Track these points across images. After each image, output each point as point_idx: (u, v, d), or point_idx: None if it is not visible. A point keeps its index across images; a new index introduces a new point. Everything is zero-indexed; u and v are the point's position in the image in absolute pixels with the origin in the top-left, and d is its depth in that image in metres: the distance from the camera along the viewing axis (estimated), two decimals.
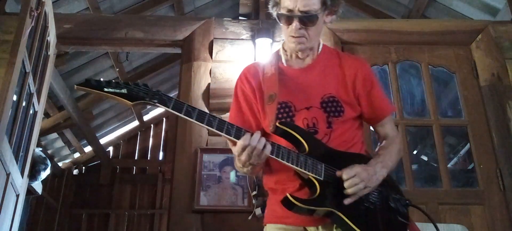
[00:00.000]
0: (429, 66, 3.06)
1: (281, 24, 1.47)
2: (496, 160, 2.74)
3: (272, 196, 1.47)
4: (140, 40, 3.06)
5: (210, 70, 2.90)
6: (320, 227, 1.35)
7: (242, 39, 3.03)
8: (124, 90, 1.18)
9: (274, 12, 1.48)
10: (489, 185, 2.70)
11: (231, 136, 1.25)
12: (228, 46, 3.00)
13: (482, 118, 2.87)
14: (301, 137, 1.33)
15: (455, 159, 4.40)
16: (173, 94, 6.33)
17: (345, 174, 1.28)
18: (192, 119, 1.23)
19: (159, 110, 7.43)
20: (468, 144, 3.00)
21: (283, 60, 1.54)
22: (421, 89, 3.09)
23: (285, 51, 1.55)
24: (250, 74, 1.53)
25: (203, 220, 2.52)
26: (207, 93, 2.82)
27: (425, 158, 4.87)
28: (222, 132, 1.24)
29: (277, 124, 1.32)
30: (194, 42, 3.01)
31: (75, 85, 1.20)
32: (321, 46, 1.55)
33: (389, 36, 3.11)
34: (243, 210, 2.49)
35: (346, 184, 1.27)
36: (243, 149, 1.24)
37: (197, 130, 2.73)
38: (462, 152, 4.26)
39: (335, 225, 1.32)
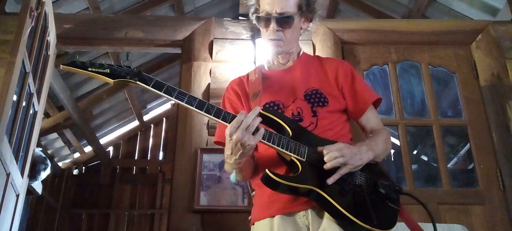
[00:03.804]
0: (429, 66, 3.06)
1: (261, 28, 1.56)
2: (496, 160, 2.74)
3: (260, 190, 1.45)
4: (140, 40, 3.06)
5: (210, 70, 2.90)
6: (309, 211, 1.34)
7: (242, 39, 3.03)
8: (107, 70, 1.24)
9: (254, 17, 1.57)
10: (489, 185, 2.70)
11: (211, 115, 1.27)
12: (228, 46, 3.00)
13: (482, 118, 2.87)
14: (284, 122, 1.34)
15: (455, 159, 4.40)
16: None
17: (326, 148, 1.27)
18: (172, 97, 1.27)
19: (160, 110, 7.44)
20: (468, 144, 3.00)
21: (266, 67, 1.64)
22: (421, 89, 3.08)
23: (268, 60, 1.65)
24: (235, 84, 1.62)
25: (203, 220, 2.52)
26: (207, 93, 2.82)
27: (425, 158, 4.87)
28: (201, 110, 1.27)
29: (260, 111, 1.33)
30: (194, 42, 3.01)
31: (61, 65, 1.25)
32: (301, 52, 1.65)
33: (389, 36, 3.11)
34: (243, 210, 2.49)
35: (325, 157, 1.26)
36: (238, 124, 1.22)
37: (197, 130, 2.73)
38: (462, 152, 4.26)
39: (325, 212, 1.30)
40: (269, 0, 1.50)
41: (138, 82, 1.25)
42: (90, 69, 1.24)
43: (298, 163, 1.29)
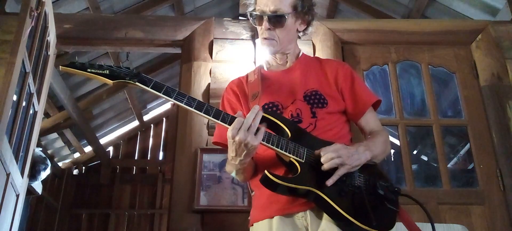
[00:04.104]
0: (429, 66, 3.06)
1: (257, 27, 1.57)
2: (496, 160, 2.74)
3: (259, 191, 1.45)
4: (140, 40, 3.06)
5: (210, 70, 2.90)
6: (308, 212, 1.34)
7: (242, 39, 3.03)
8: (106, 71, 1.25)
9: (249, 16, 1.58)
10: (489, 185, 2.70)
11: (210, 116, 1.28)
12: (228, 46, 3.00)
13: (482, 117, 2.87)
14: (283, 124, 1.35)
15: (455, 159, 4.40)
16: None
17: (323, 150, 1.28)
18: (171, 98, 1.26)
19: (160, 110, 7.44)
20: (468, 144, 2.99)
21: (265, 68, 1.64)
22: (421, 89, 3.08)
23: (267, 61, 1.65)
24: (234, 85, 1.63)
25: (203, 220, 2.52)
26: (207, 93, 2.82)
27: (425, 158, 4.87)
28: (200, 111, 1.27)
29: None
30: (194, 42, 3.01)
31: (60, 66, 1.26)
32: (301, 54, 1.65)
33: (389, 36, 3.11)
34: (243, 210, 2.48)
35: (322, 159, 1.26)
36: (239, 125, 1.22)
37: (197, 130, 2.73)
38: (462, 152, 4.26)
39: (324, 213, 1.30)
40: None
41: (137, 83, 1.25)
42: (89, 70, 1.24)
43: (297, 164, 1.29)
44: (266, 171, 1.25)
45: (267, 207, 1.39)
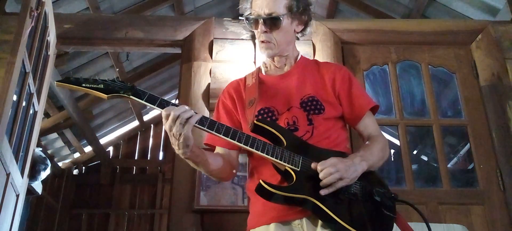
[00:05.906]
0: (429, 66, 3.06)
1: (253, 30, 1.56)
2: (496, 160, 2.74)
3: (255, 197, 1.43)
4: (140, 40, 3.06)
5: (210, 70, 2.89)
6: (304, 219, 1.34)
7: (242, 39, 3.03)
8: (101, 85, 1.26)
9: (245, 19, 1.57)
10: (489, 185, 2.70)
11: (204, 127, 1.34)
12: (228, 46, 3.00)
13: (482, 118, 2.87)
14: (278, 132, 1.35)
15: (455, 159, 4.40)
16: (173, 94, 6.34)
17: (320, 164, 1.27)
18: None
19: (159, 110, 7.43)
20: (468, 144, 3.00)
21: (263, 71, 1.63)
22: (421, 89, 3.08)
23: (265, 63, 1.63)
24: (232, 88, 1.61)
25: (203, 220, 2.52)
26: (207, 93, 2.82)
27: (425, 158, 4.87)
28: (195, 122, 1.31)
29: (255, 122, 1.35)
30: (194, 42, 3.01)
31: (55, 82, 1.27)
32: (299, 57, 1.63)
33: (389, 36, 3.11)
34: (243, 210, 2.47)
35: (321, 175, 1.25)
36: (167, 115, 1.25)
37: (197, 130, 2.72)
38: (462, 152, 4.26)
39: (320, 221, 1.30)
40: (259, 1, 1.50)
41: (131, 97, 1.26)
42: (84, 85, 1.25)
43: (292, 172, 1.29)
44: (261, 181, 1.25)
45: (263, 213, 1.38)
